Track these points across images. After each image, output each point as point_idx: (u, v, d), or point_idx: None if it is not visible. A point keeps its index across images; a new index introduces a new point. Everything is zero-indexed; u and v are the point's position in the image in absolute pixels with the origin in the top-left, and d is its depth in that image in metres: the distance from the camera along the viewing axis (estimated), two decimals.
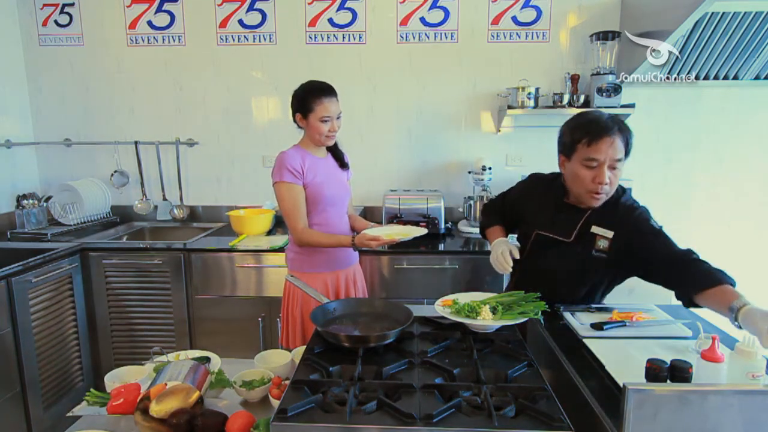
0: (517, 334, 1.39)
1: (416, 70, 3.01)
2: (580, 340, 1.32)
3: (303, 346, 1.39)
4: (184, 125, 3.15)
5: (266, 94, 3.10)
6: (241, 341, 2.57)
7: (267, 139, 3.12)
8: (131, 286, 2.63)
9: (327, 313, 1.44)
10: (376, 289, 2.53)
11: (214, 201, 3.22)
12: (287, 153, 1.91)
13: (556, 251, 1.58)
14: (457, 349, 1.30)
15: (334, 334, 1.27)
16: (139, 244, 2.70)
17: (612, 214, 1.52)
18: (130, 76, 3.11)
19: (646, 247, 1.43)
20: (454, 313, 1.41)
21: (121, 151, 3.16)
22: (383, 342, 1.27)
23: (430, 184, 3.09)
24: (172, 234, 3.07)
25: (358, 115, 3.02)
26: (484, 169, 2.81)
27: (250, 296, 2.59)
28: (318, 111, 1.86)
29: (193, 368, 1.23)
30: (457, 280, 2.50)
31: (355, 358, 1.20)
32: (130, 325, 2.66)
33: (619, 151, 1.45)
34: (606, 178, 1.45)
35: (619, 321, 1.42)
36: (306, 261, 1.98)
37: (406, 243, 1.88)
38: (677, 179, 3.02)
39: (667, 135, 2.98)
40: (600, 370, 1.15)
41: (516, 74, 2.89)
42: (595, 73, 2.76)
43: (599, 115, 1.49)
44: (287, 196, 1.89)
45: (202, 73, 3.08)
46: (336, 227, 2.00)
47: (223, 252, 2.57)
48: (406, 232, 1.89)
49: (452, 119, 3.06)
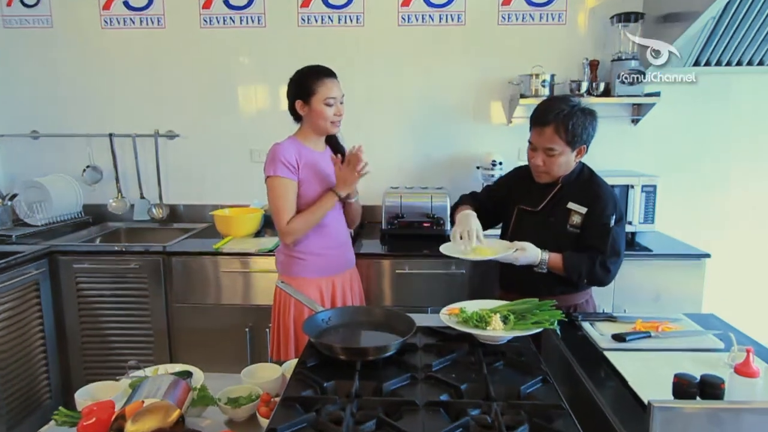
0: (530, 346, 1.38)
1: (419, 56, 3.01)
2: (600, 352, 1.33)
3: (295, 360, 1.38)
4: (164, 116, 3.15)
5: (254, 82, 3.09)
6: (226, 354, 2.56)
7: (255, 131, 3.12)
8: (105, 294, 2.62)
9: (321, 322, 1.43)
10: (374, 296, 2.52)
11: (196, 199, 3.22)
12: (282, 145, 1.91)
13: (534, 227, 1.82)
14: (464, 362, 1.30)
15: (328, 345, 1.27)
16: (114, 247, 2.69)
17: (585, 193, 1.78)
18: (105, 61, 3.11)
19: (582, 228, 1.76)
20: (462, 323, 1.41)
21: (94, 145, 3.16)
22: (383, 355, 1.27)
23: (434, 180, 3.08)
24: (151, 236, 3.06)
25: (355, 105, 2.97)
26: (494, 165, 2.81)
27: (236, 304, 2.58)
28: (321, 92, 1.86)
29: (173, 384, 1.22)
30: (464, 287, 2.50)
31: (352, 373, 1.19)
32: (104, 337, 2.65)
33: (549, 140, 1.72)
34: (539, 161, 1.77)
35: (644, 332, 1.42)
36: (298, 265, 1.97)
37: (408, 245, 1.89)
38: (708, 175, 3.03)
39: (696, 126, 2.99)
40: (622, 386, 1.15)
41: (529, 60, 2.88)
42: (616, 59, 2.76)
43: (546, 103, 1.78)
44: (279, 191, 1.89)
45: (183, 58, 3.08)
46: (333, 231, 2.00)
47: (206, 255, 2.57)
48: (491, 249, 1.76)
49: (459, 110, 3.05)
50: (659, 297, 2.48)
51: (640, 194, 2.61)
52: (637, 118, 2.98)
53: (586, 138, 1.74)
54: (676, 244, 2.69)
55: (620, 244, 1.77)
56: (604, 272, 1.74)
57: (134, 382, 1.29)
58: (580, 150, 1.76)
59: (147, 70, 3.10)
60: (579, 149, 1.76)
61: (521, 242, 1.73)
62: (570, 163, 1.78)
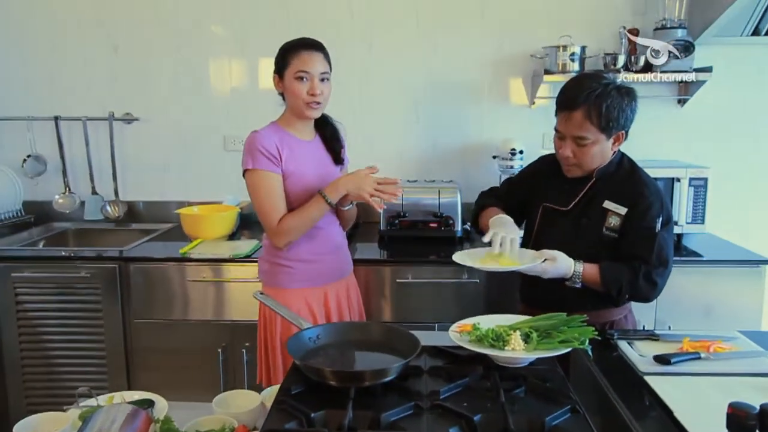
0: (557, 369, 1.38)
1: (425, 26, 3.01)
2: (640, 377, 1.33)
3: (277, 386, 1.38)
4: (121, 96, 3.14)
5: (229, 56, 3.09)
6: (195, 379, 2.56)
7: (229, 114, 3.12)
8: (50, 307, 2.61)
9: (307, 341, 1.43)
10: (371, 309, 2.52)
11: (159, 195, 3.22)
12: (260, 133, 1.91)
13: (563, 230, 1.81)
14: (478, 389, 1.29)
15: (316, 369, 1.27)
16: (61, 252, 2.69)
17: (625, 189, 1.76)
18: (50, 31, 3.10)
19: (622, 232, 1.74)
20: (475, 342, 1.41)
21: (37, 130, 3.15)
22: (382, 380, 1.26)
23: (442, 173, 3.08)
24: (105, 239, 3.06)
25: (349, 84, 3.01)
26: (513, 154, 2.81)
27: (207, 320, 2.58)
28: (294, 65, 1.87)
29: (131, 414, 1.22)
30: (478, 299, 2.50)
31: (345, 401, 1.19)
32: (48, 359, 2.64)
33: (578, 127, 1.69)
34: (568, 152, 1.74)
35: (692, 352, 1.42)
36: (283, 274, 1.97)
37: (411, 250, 1.89)
38: None
39: (754, 108, 2.99)
40: (667, 417, 1.15)
41: (555, 29, 2.88)
42: (660, 27, 2.76)
43: (573, 83, 1.75)
44: (262, 187, 1.89)
45: (144, 28, 3.07)
46: (325, 233, 1.99)
47: (171, 262, 2.57)
48: (514, 259, 1.73)
49: (472, 89, 3.05)
50: (711, 311, 2.48)
51: (688, 189, 2.61)
52: (684, 98, 2.98)
53: (623, 122, 1.71)
54: (730, 249, 2.70)
55: (668, 251, 1.75)
56: (649, 286, 1.72)
57: (85, 413, 1.29)
58: (617, 137, 1.74)
59: (101, 42, 3.09)
60: (616, 136, 1.74)
61: (551, 251, 1.70)
62: (606, 153, 1.76)
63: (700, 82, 2.80)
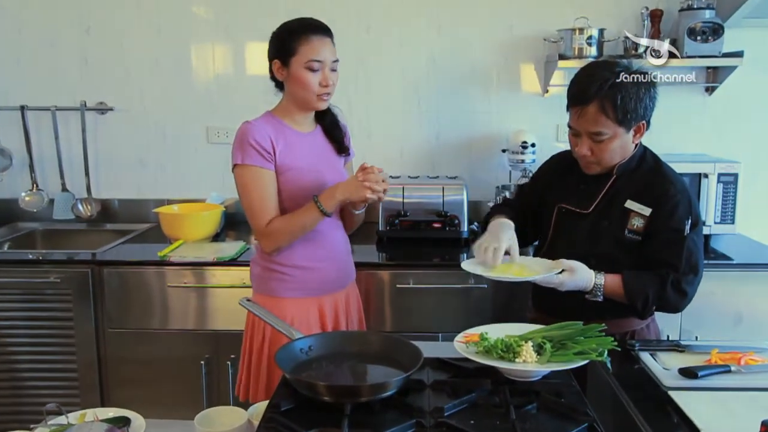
0: (572, 383, 1.38)
1: (428, 5, 3.01)
2: (664, 392, 1.33)
3: (266, 402, 1.38)
4: (94, 84, 3.14)
5: (213, 40, 3.10)
6: (175, 394, 2.56)
7: (213, 103, 3.12)
8: (16, 315, 2.61)
9: (299, 352, 1.43)
10: (370, 317, 2.51)
11: (136, 193, 3.22)
12: (252, 124, 1.90)
13: (581, 234, 1.80)
14: (486, 405, 1.29)
15: (309, 383, 1.27)
16: (28, 255, 2.69)
17: (649, 187, 1.75)
18: (15, 12, 3.10)
19: (646, 235, 1.72)
20: (482, 354, 1.41)
21: (1, 121, 3.15)
22: (381, 395, 1.26)
23: (447, 168, 3.09)
24: (76, 240, 3.07)
25: (343, 69, 2.94)
26: (524, 147, 2.82)
27: (188, 330, 2.58)
28: (303, 52, 1.84)
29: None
30: (486, 307, 2.50)
31: (340, 419, 1.19)
32: (14, 372, 2.64)
33: (593, 122, 1.67)
34: (585, 149, 1.72)
35: (722, 365, 1.42)
36: (276, 280, 1.96)
37: (412, 252, 1.88)
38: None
39: None
40: None
41: (571, 10, 2.89)
42: (685, 8, 2.76)
43: (583, 73, 1.74)
44: (252, 185, 1.88)
45: (120, 9, 3.07)
46: (327, 237, 1.98)
47: (149, 266, 2.57)
48: (528, 268, 1.75)
49: (479, 75, 3.06)
50: (741, 319, 2.48)
51: (716, 186, 2.62)
52: (713, 85, 2.98)
53: (643, 112, 1.69)
54: (763, 251, 2.70)
55: (698, 256, 1.73)
56: (678, 296, 1.70)
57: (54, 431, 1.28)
58: (638, 128, 1.73)
59: (72, 24, 3.09)
60: (636, 127, 1.72)
61: (569, 261, 1.67)
62: (627, 147, 1.74)
63: (729, 68, 2.80)
